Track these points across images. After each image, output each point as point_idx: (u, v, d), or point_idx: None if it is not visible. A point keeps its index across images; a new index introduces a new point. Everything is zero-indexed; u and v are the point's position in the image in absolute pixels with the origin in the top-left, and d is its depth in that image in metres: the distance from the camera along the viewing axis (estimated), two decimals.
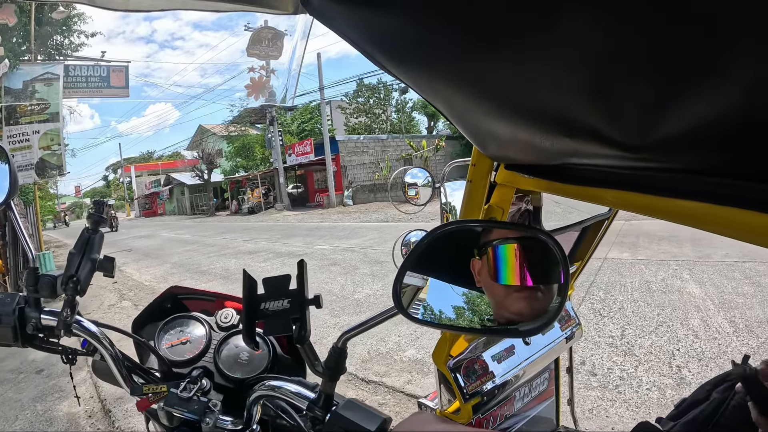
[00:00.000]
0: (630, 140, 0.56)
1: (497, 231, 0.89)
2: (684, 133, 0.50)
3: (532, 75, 0.56)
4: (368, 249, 12.80)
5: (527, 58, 0.52)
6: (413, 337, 5.68)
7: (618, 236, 9.81)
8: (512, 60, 0.54)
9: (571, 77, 0.52)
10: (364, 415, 0.94)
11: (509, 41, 0.51)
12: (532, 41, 0.49)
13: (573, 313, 2.09)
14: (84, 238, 1.12)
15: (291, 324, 0.99)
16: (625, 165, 0.67)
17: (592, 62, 0.48)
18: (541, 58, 0.51)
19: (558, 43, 0.47)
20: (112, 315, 8.63)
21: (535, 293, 0.83)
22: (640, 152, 0.58)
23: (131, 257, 17.42)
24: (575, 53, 0.47)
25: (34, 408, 5.06)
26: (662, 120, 0.49)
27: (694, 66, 0.41)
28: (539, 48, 0.49)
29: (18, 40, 8.67)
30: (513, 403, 1.86)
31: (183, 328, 1.37)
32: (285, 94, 7.33)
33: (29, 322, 1.10)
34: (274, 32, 6.56)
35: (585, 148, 0.66)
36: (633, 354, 4.59)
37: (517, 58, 0.53)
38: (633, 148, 0.57)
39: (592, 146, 0.62)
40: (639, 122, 0.53)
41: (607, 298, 6.27)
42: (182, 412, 1.09)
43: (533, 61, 0.52)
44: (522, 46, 0.51)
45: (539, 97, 0.60)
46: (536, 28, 0.47)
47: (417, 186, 2.09)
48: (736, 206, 0.55)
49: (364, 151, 35.00)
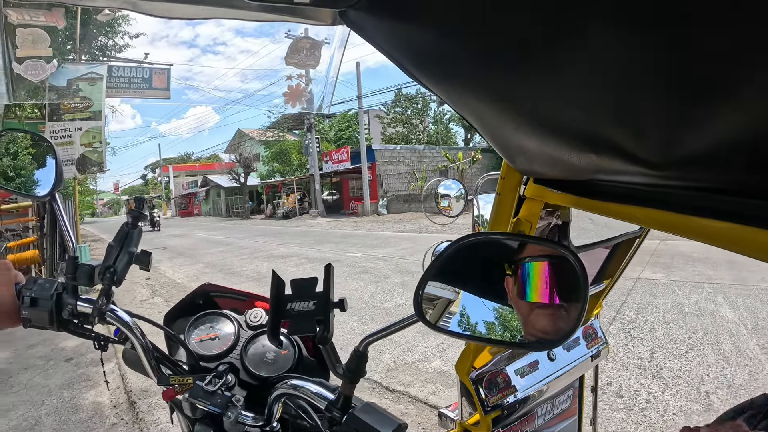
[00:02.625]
0: (656, 158, 0.57)
1: (524, 247, 0.89)
2: (710, 152, 0.50)
3: (559, 92, 0.57)
4: (400, 258, 12.79)
5: (555, 75, 0.54)
6: (440, 349, 5.65)
7: (653, 256, 9.61)
8: (540, 76, 0.56)
9: (597, 95, 0.53)
10: (380, 418, 0.95)
11: (538, 58, 0.52)
12: (560, 59, 0.50)
13: (600, 332, 2.06)
14: (123, 232, 1.16)
15: (315, 325, 1.01)
16: (651, 182, 0.67)
17: (618, 80, 0.49)
18: (569, 76, 0.52)
19: (585, 61, 0.48)
20: (143, 310, 8.79)
21: (559, 310, 0.83)
22: (667, 170, 0.58)
23: (165, 255, 17.69)
24: (602, 71, 0.48)
25: (61, 395, 5.19)
26: (688, 139, 0.50)
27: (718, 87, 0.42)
28: (567, 66, 0.51)
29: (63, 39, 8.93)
30: (534, 419, 1.85)
31: (213, 324, 1.41)
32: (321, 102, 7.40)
33: (65, 307, 1.14)
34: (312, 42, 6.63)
35: (611, 165, 0.66)
36: (661, 377, 4.50)
37: (545, 75, 0.55)
38: (659, 166, 0.58)
39: (618, 163, 0.63)
40: (665, 140, 0.53)
41: (638, 319, 6.15)
42: (206, 404, 1.12)
43: (561, 79, 0.54)
44: (550, 64, 0.52)
45: (566, 113, 0.61)
46: (564, 47, 0.48)
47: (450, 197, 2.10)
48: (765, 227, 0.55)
49: (400, 161, 35.01)
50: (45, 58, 7.42)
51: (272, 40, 72.08)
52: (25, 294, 1.12)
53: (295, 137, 46.47)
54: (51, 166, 1.30)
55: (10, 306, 1.10)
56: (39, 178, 1.34)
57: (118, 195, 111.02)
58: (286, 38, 8.70)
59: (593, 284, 1.89)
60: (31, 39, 7.22)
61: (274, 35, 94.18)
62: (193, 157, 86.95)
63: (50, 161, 1.31)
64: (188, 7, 0.77)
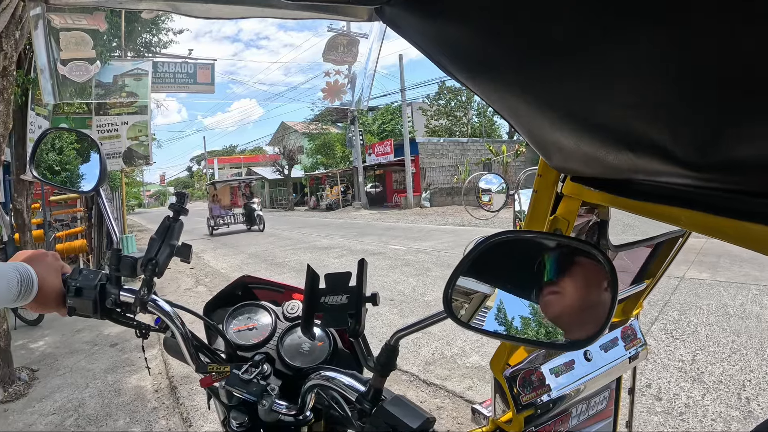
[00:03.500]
0: (697, 159, 0.55)
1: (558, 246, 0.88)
2: (754, 155, 0.49)
3: (598, 89, 0.56)
4: (442, 252, 12.74)
5: (594, 73, 0.53)
6: (479, 344, 5.62)
7: (698, 255, 9.33)
8: (578, 73, 0.55)
9: (637, 93, 0.52)
10: (408, 412, 0.96)
11: (576, 55, 0.52)
12: (600, 56, 0.49)
13: (639, 334, 2.02)
14: (165, 225, 1.21)
15: (347, 318, 1.04)
16: (691, 184, 0.65)
17: (660, 79, 0.48)
18: (608, 73, 0.52)
19: (626, 59, 0.47)
20: (187, 298, 8.99)
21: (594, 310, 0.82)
22: (708, 172, 0.57)
23: (209, 245, 18.03)
24: (644, 69, 0.48)
25: (105, 378, 5.36)
26: (731, 140, 0.49)
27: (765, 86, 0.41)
28: (606, 63, 0.50)
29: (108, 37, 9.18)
30: (569, 419, 1.82)
31: (251, 315, 1.45)
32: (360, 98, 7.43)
33: (109, 297, 1.19)
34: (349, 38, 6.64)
35: (649, 165, 0.65)
36: (702, 381, 4.37)
37: (584, 72, 0.54)
38: (700, 167, 0.56)
39: (657, 163, 0.62)
40: (707, 141, 0.52)
41: (681, 320, 6.00)
42: (242, 392, 1.15)
43: (600, 76, 0.53)
44: (589, 60, 0.51)
45: (604, 111, 0.60)
46: (605, 43, 0.47)
47: (491, 192, 2.09)
48: None
49: (443, 154, 34.90)
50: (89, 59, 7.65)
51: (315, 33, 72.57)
52: (70, 284, 1.17)
53: (338, 130, 46.63)
54: (95, 161, 1.34)
55: (57, 295, 1.15)
56: (84, 173, 1.39)
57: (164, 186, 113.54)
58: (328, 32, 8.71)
59: (633, 284, 1.86)
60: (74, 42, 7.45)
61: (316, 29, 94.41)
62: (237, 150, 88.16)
63: (94, 156, 1.36)
64: (226, 8, 0.79)
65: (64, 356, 6.16)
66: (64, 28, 7.33)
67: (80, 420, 4.42)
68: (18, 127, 7.69)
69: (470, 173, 31.43)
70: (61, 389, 5.12)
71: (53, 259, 1.17)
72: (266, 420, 1.17)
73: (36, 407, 4.73)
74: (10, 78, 5.08)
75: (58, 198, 14.86)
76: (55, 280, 1.14)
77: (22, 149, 7.82)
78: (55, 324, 7.55)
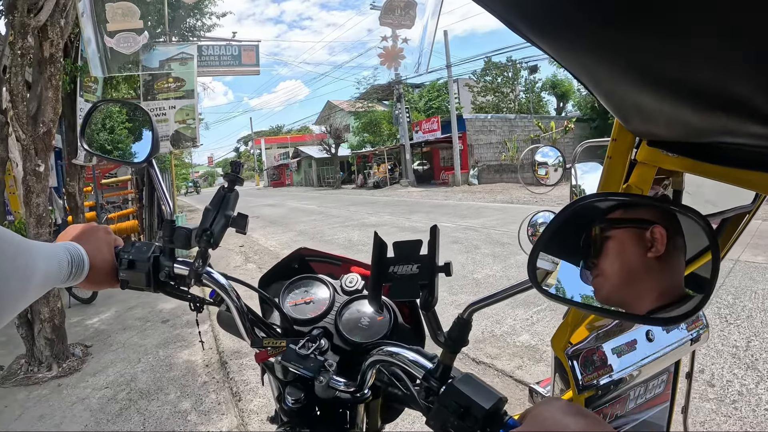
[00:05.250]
0: None
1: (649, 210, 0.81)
2: None
3: (686, 41, 0.50)
4: (491, 229, 12.64)
5: (680, 22, 0.47)
6: (529, 323, 5.57)
7: (754, 237, 8.96)
8: (663, 25, 0.49)
9: (731, 42, 0.46)
10: (480, 390, 0.91)
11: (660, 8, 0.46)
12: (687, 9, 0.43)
13: (702, 314, 1.94)
14: (220, 195, 1.18)
15: (419, 289, 0.98)
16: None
17: (756, 23, 0.41)
18: (697, 22, 0.45)
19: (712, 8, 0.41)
20: (237, 275, 9.09)
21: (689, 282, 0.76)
22: None
23: (258, 224, 18.29)
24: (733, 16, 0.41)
25: (157, 353, 5.53)
26: None
27: None
28: (694, 15, 0.44)
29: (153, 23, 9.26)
30: (626, 402, 1.76)
31: (308, 288, 1.41)
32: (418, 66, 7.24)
33: (162, 269, 1.17)
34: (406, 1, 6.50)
35: (741, 126, 0.59)
36: (756, 368, 4.21)
37: (670, 23, 0.48)
38: None
39: (749, 124, 0.56)
40: None
41: (735, 304, 5.77)
42: (298, 367, 1.12)
43: (687, 26, 0.47)
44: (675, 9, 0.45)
45: (692, 65, 0.54)
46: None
47: (547, 165, 2.02)
48: None
49: (490, 131, 34.57)
50: (136, 30, 7.69)
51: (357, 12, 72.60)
52: (123, 256, 1.15)
53: (384, 108, 46.56)
54: (147, 138, 1.32)
55: (110, 267, 1.13)
56: (136, 151, 1.37)
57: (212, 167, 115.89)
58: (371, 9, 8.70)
59: None
60: (121, 13, 7.49)
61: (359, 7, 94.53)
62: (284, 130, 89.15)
63: (146, 133, 1.34)
64: None
65: (117, 332, 6.36)
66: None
67: (132, 393, 4.56)
68: (68, 113, 7.90)
69: (519, 150, 31.08)
70: (114, 364, 5.29)
71: (104, 233, 1.15)
72: (323, 396, 1.14)
73: (89, 381, 4.90)
74: (57, 65, 5.19)
75: (110, 181, 15.33)
76: (107, 255, 1.13)
77: (73, 135, 8.02)
78: (109, 302, 7.80)
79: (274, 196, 42.41)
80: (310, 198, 33.55)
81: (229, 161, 1.23)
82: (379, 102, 47.04)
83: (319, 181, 55.06)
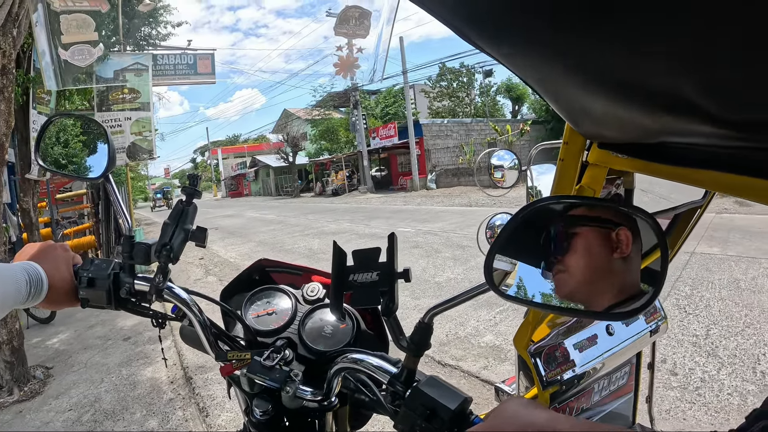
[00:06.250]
0: (735, 118, 0.53)
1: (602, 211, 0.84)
2: None
3: (634, 45, 0.52)
4: (451, 233, 12.73)
5: (628, 28, 0.49)
6: (492, 323, 5.63)
7: (708, 230, 9.27)
8: (611, 31, 0.51)
9: (674, 47, 0.49)
10: (445, 392, 0.93)
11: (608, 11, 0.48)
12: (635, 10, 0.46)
13: (659, 306, 2.00)
14: (178, 209, 1.16)
15: (379, 296, 1.00)
16: (728, 144, 0.63)
17: (699, 30, 0.44)
18: (643, 28, 0.48)
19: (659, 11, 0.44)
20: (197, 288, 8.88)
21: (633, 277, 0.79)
22: (746, 131, 0.54)
23: (217, 235, 18.05)
24: (680, 20, 0.44)
25: (120, 372, 5.38)
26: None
27: None
28: (641, 16, 0.46)
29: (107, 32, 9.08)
30: (591, 395, 1.81)
31: (270, 299, 1.41)
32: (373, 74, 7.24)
33: (123, 286, 1.15)
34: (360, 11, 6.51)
35: (686, 126, 0.62)
36: (717, 355, 4.36)
37: (617, 29, 0.50)
38: (738, 127, 0.54)
39: (694, 123, 0.59)
40: (747, 98, 0.49)
41: (693, 295, 5.96)
42: (264, 379, 1.12)
43: (634, 32, 0.49)
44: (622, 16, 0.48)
45: (639, 70, 0.57)
46: None
47: (503, 168, 2.06)
48: None
49: (447, 135, 34.85)
50: (91, 42, 7.55)
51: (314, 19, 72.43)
52: (82, 274, 1.13)
53: (341, 115, 46.54)
54: (102, 151, 1.30)
55: (69, 286, 1.11)
56: (91, 164, 1.34)
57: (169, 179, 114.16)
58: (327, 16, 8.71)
59: None
60: (75, 24, 7.33)
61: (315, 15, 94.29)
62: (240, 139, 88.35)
63: (101, 146, 1.31)
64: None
65: (78, 352, 6.18)
66: (64, 10, 7.24)
67: (97, 415, 4.43)
68: (21, 126, 7.67)
69: (475, 153, 31.40)
70: (77, 385, 5.14)
71: (62, 251, 1.13)
72: (290, 407, 1.14)
73: (52, 404, 4.75)
74: (9, 76, 5.05)
75: (64, 196, 14.93)
76: (66, 273, 1.11)
77: (26, 149, 7.80)
78: (68, 321, 7.59)
79: (233, 206, 41.90)
80: (269, 207, 33.26)
81: (187, 174, 1.22)
82: (335, 109, 47.02)
83: (278, 190, 54.64)
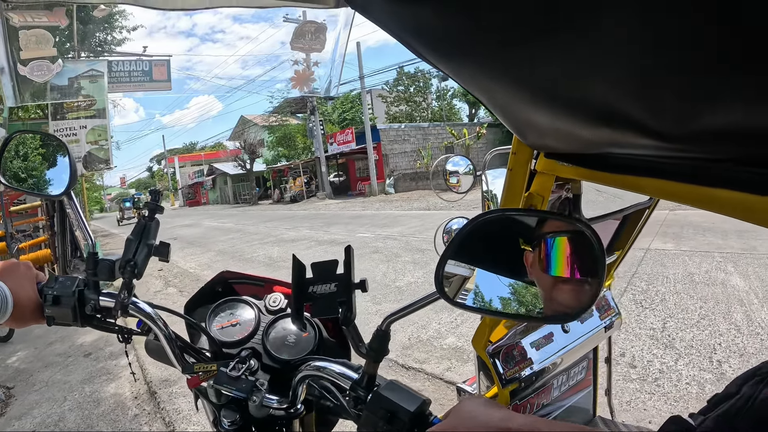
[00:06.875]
0: (670, 130, 0.56)
1: (542, 223, 0.89)
2: (723, 125, 0.50)
3: (575, 65, 0.56)
4: (410, 237, 12.78)
5: (569, 48, 0.53)
6: (453, 325, 5.69)
7: (662, 226, 9.55)
8: (553, 50, 0.54)
9: (612, 68, 0.52)
10: (404, 395, 0.96)
11: (550, 31, 0.51)
12: (577, 32, 0.49)
13: (613, 303, 2.07)
14: (141, 225, 1.16)
15: (338, 306, 1.03)
16: (664, 154, 0.67)
17: (634, 53, 0.48)
18: (583, 48, 0.51)
19: (600, 33, 0.47)
20: (158, 301, 8.79)
21: (580, 285, 0.83)
22: (680, 142, 0.58)
23: (176, 245, 17.71)
24: (618, 43, 0.47)
25: (82, 389, 5.23)
26: (702, 111, 0.50)
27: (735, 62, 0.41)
28: (581, 38, 0.49)
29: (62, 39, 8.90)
30: (550, 391, 1.86)
31: (233, 310, 1.41)
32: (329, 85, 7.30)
33: (88, 303, 1.16)
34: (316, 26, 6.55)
35: (625, 138, 0.66)
36: (674, 347, 4.49)
37: (559, 48, 0.53)
38: (672, 138, 0.57)
39: (632, 136, 0.63)
40: (679, 113, 0.53)
41: (649, 290, 6.14)
42: (231, 390, 1.13)
43: (575, 51, 0.53)
44: (566, 37, 0.51)
45: (580, 86, 0.60)
46: (579, 18, 0.47)
47: (458, 174, 2.10)
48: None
49: (405, 140, 34.95)
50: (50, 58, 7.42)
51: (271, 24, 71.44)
52: (47, 292, 1.13)
53: (298, 121, 46.26)
54: (63, 164, 1.29)
55: (34, 305, 1.11)
56: (51, 178, 1.33)
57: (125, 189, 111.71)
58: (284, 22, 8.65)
59: None
60: (35, 40, 7.20)
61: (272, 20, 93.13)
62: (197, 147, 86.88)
63: (61, 160, 1.31)
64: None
65: (38, 371, 5.99)
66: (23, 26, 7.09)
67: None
68: None
69: (433, 158, 31.55)
70: (40, 405, 4.98)
71: (26, 269, 1.12)
72: (257, 416, 1.16)
73: (16, 425, 4.60)
74: None
75: (19, 208, 14.46)
76: (31, 291, 1.11)
77: None
78: (26, 338, 7.35)
79: (191, 215, 41.14)
80: (227, 216, 32.80)
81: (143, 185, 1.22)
82: (292, 115, 46.70)
83: (236, 198, 54.03)
